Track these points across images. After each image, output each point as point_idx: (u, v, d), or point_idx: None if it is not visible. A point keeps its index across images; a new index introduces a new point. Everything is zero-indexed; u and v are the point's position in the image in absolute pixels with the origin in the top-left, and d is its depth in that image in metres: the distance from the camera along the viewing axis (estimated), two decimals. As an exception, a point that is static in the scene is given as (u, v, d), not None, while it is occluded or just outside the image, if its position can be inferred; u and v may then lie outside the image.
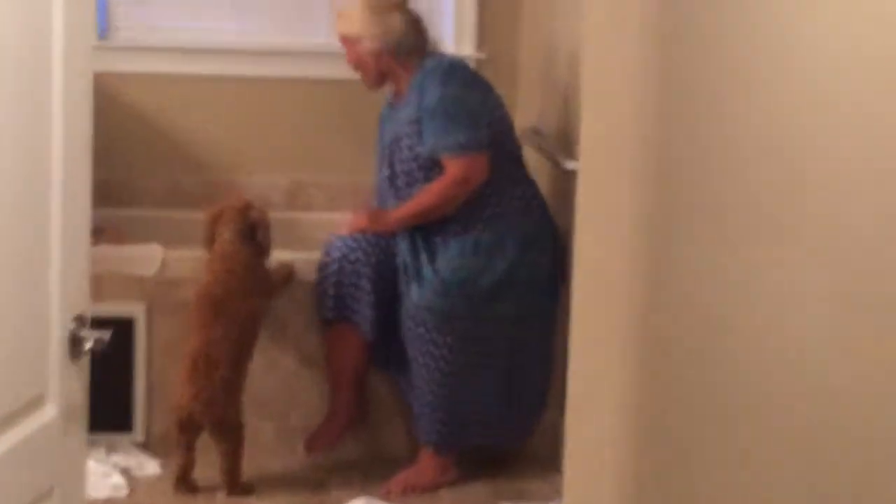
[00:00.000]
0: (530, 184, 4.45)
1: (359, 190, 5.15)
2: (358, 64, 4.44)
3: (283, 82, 5.34)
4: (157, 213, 5.21)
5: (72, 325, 2.25)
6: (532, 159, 4.64)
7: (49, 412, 2.22)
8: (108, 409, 4.38)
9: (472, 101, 4.29)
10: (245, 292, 4.24)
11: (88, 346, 2.25)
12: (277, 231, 4.83)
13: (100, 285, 4.34)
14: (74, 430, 2.30)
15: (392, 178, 4.39)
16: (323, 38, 5.29)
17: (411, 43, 4.38)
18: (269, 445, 4.52)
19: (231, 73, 5.30)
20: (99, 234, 4.76)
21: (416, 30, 4.41)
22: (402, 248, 4.35)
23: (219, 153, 5.34)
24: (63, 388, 2.24)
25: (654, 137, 2.58)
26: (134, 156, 5.28)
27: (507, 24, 5.38)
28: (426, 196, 4.27)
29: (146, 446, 4.52)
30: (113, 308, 4.35)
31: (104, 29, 5.27)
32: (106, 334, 2.26)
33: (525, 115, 5.02)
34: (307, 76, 5.31)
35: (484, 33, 5.39)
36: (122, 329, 4.35)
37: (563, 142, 4.47)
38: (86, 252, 2.34)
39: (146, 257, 4.52)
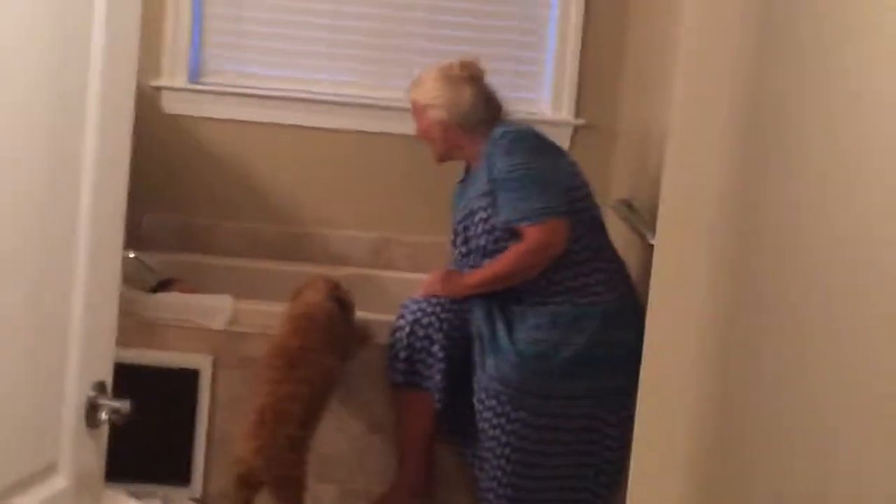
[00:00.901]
0: (613, 254, 4.31)
1: (444, 250, 4.93)
2: (426, 133, 4.38)
3: (373, 136, 5.26)
4: (235, 262, 5.14)
5: (90, 392, 2.12)
6: (622, 232, 4.49)
7: (60, 482, 2.09)
8: (166, 462, 4.34)
9: (543, 167, 4.16)
10: (324, 349, 4.09)
11: (104, 416, 2.11)
12: (357, 288, 4.76)
13: (166, 334, 4.31)
14: (87, 501, 2.16)
15: (467, 256, 4.29)
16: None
17: (479, 117, 4.29)
18: (330, 509, 4.38)
19: (321, 124, 5.23)
20: (169, 285, 4.73)
21: (486, 104, 4.32)
22: (478, 316, 4.21)
23: (302, 205, 5.27)
24: (77, 457, 2.12)
25: (734, 215, 2.46)
26: (216, 202, 5.23)
27: (608, 91, 5.26)
28: (502, 262, 4.14)
29: (203, 503, 4.40)
30: (178, 358, 4.31)
31: (195, 72, 5.24)
32: (126, 405, 2.13)
33: (619, 185, 4.88)
34: (398, 131, 5.19)
35: (583, 99, 5.26)
36: (186, 380, 4.30)
37: (654, 216, 4.26)
38: (113, 312, 2.21)
39: (216, 308, 4.41)
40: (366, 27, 5.25)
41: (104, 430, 2.20)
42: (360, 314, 4.39)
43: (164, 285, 4.79)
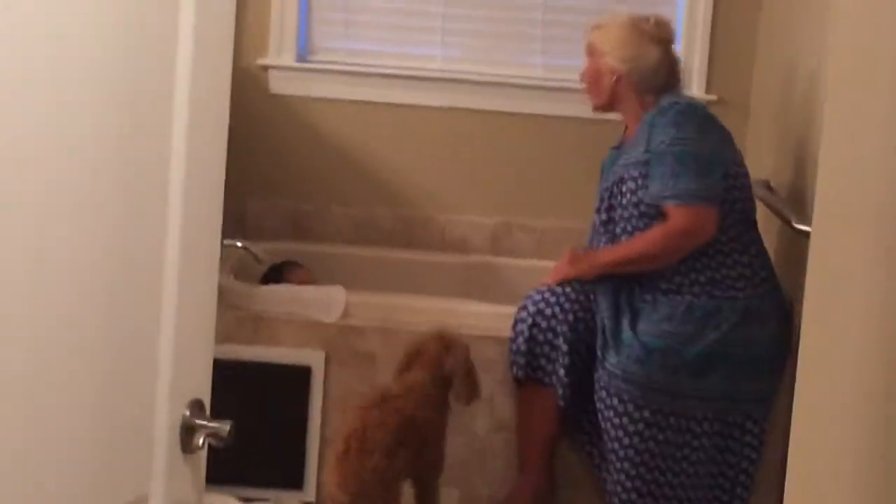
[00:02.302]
0: (761, 251, 4.01)
1: (570, 236, 4.81)
2: (593, 80, 4.11)
3: (492, 116, 5.06)
4: (347, 250, 4.99)
5: (185, 413, 1.86)
6: (760, 215, 4.18)
7: (152, 516, 1.83)
8: (278, 465, 4.17)
9: (707, 147, 3.88)
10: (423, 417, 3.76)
11: (201, 440, 1.85)
12: (477, 277, 4.64)
13: (276, 329, 4.16)
14: (184, 537, 1.90)
15: (608, 224, 4.01)
16: (539, 71, 5.05)
17: (659, 81, 4.03)
18: (452, 514, 4.19)
19: (436, 103, 5.04)
20: (284, 270, 4.57)
21: (668, 71, 4.06)
22: (602, 305, 3.96)
23: (418, 188, 5.08)
24: (171, 488, 1.85)
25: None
26: (328, 186, 5.08)
27: (740, 65, 4.99)
28: (641, 242, 3.87)
29: (316, 507, 4.22)
30: (289, 355, 4.15)
31: (304, 51, 5.06)
32: (225, 427, 1.86)
33: (755, 166, 4.57)
34: (518, 111, 5.02)
35: (714, 73, 5.00)
36: (298, 378, 4.15)
37: (797, 199, 4.03)
38: (210, 318, 1.93)
39: (328, 301, 4.20)
40: (481, 1, 5.07)
41: (202, 456, 1.93)
42: (480, 306, 4.23)
43: (276, 270, 4.63)
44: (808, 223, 3.53)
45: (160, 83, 1.75)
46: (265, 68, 4.98)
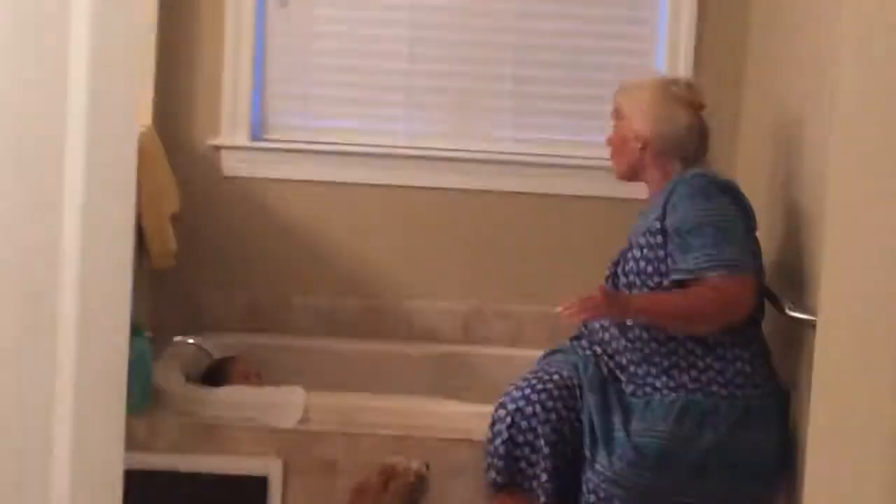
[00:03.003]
0: (762, 349, 3.73)
1: (551, 322, 4.46)
2: (619, 146, 3.85)
3: (461, 193, 4.80)
4: (310, 343, 4.72)
5: None
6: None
7: None
8: None
9: (739, 219, 3.63)
10: None
11: None
12: (448, 369, 4.51)
13: (228, 436, 3.93)
14: None
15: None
16: (510, 145, 4.81)
17: (687, 149, 3.79)
18: None
19: (401, 181, 4.79)
20: (225, 366, 4.36)
21: (699, 138, 3.82)
22: (590, 402, 3.67)
23: (384, 274, 4.81)
24: None
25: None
26: (288, 274, 4.81)
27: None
28: (688, 297, 3.55)
29: None
30: (243, 465, 3.90)
31: (258, 129, 4.81)
32: None
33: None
34: (490, 188, 4.78)
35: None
36: (253, 490, 3.92)
37: (788, 274, 3.75)
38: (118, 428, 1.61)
39: (285, 403, 3.95)
40: (446, 70, 4.82)
41: None
42: (450, 404, 4.03)
43: (218, 368, 4.37)
44: (804, 309, 3.35)
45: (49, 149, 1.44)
46: (217, 149, 4.73)
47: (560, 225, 4.69)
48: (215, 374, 4.31)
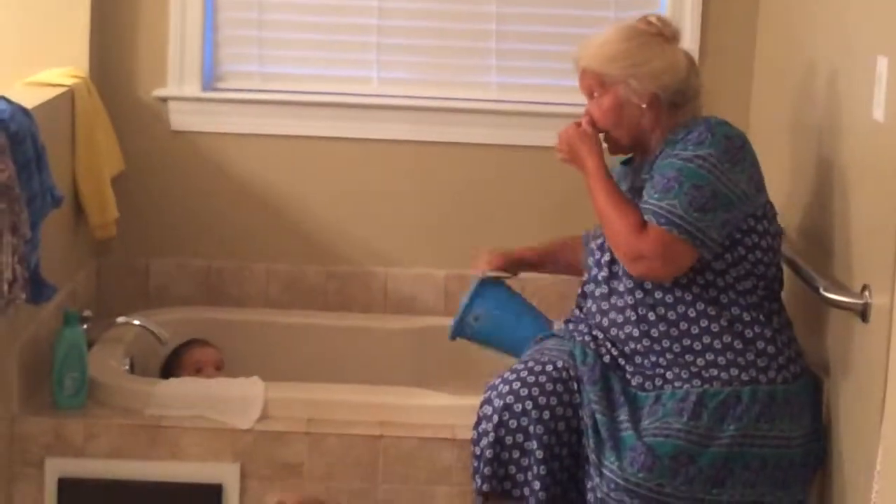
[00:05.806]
0: (786, 324, 3.45)
1: (541, 286, 4.39)
2: (615, 116, 3.48)
3: (440, 147, 4.60)
4: (271, 316, 4.53)
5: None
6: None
7: None
8: None
9: (727, 182, 3.31)
10: None
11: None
12: (429, 340, 4.34)
13: (176, 438, 3.67)
14: None
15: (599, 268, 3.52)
16: (493, 92, 4.59)
17: (692, 88, 3.46)
18: None
19: (372, 135, 4.58)
20: (185, 352, 4.13)
21: (695, 72, 3.51)
22: (591, 396, 3.38)
23: (354, 238, 4.61)
24: None
25: None
26: (246, 240, 4.62)
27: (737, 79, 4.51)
28: (623, 217, 3.31)
29: None
30: (196, 471, 3.66)
31: (210, 78, 4.59)
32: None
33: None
34: (471, 140, 4.56)
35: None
36: (206, 500, 3.68)
37: (819, 251, 3.47)
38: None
39: (242, 399, 3.70)
40: (423, 8, 4.58)
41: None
42: (436, 397, 3.81)
43: (174, 356, 4.12)
44: (838, 290, 3.09)
45: None
46: (164, 100, 4.52)
47: (550, 179, 4.43)
48: (175, 361, 4.08)
